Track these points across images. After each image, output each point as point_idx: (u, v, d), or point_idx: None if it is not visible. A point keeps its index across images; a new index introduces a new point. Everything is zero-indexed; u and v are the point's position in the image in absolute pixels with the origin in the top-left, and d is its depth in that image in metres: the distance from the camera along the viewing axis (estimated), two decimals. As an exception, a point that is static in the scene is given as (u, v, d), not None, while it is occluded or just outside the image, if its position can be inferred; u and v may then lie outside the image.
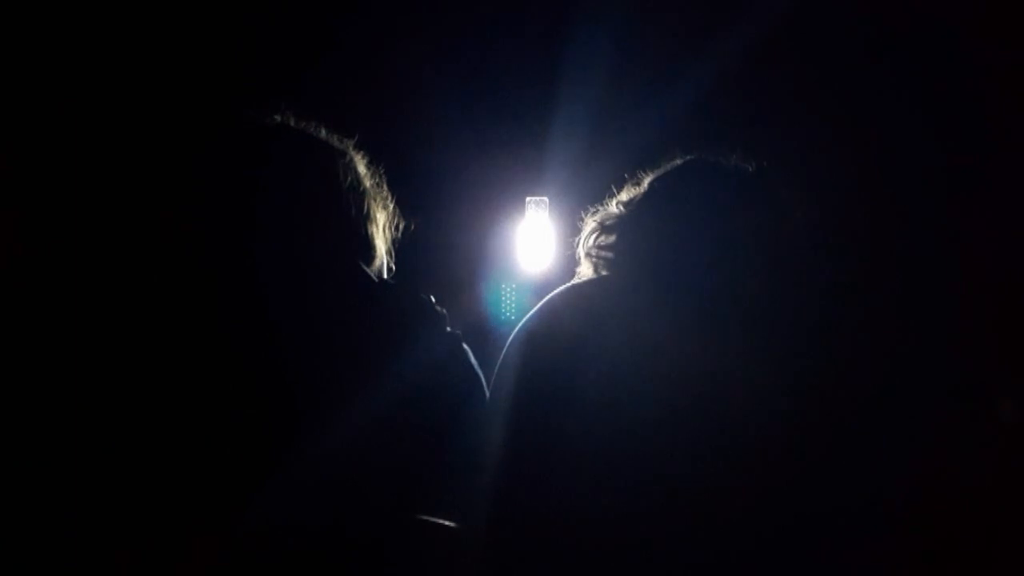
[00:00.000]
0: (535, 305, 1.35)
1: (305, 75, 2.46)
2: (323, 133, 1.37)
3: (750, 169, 1.36)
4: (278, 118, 1.36)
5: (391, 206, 1.41)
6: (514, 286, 2.63)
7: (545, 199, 2.66)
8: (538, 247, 2.65)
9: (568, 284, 1.36)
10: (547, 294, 1.36)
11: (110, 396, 1.20)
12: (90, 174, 2.16)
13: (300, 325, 1.25)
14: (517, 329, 1.34)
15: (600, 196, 1.43)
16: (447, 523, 1.28)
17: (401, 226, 1.43)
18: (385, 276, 1.41)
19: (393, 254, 1.42)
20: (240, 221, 1.28)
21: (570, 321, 1.29)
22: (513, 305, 2.61)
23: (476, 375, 1.33)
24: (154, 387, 1.20)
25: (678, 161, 1.37)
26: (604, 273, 1.35)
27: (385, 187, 1.41)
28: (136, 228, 1.32)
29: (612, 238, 1.35)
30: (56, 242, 1.86)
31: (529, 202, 2.67)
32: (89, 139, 2.23)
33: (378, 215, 1.37)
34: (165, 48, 2.38)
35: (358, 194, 1.34)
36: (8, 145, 2.09)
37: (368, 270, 1.34)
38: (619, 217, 1.36)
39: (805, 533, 1.19)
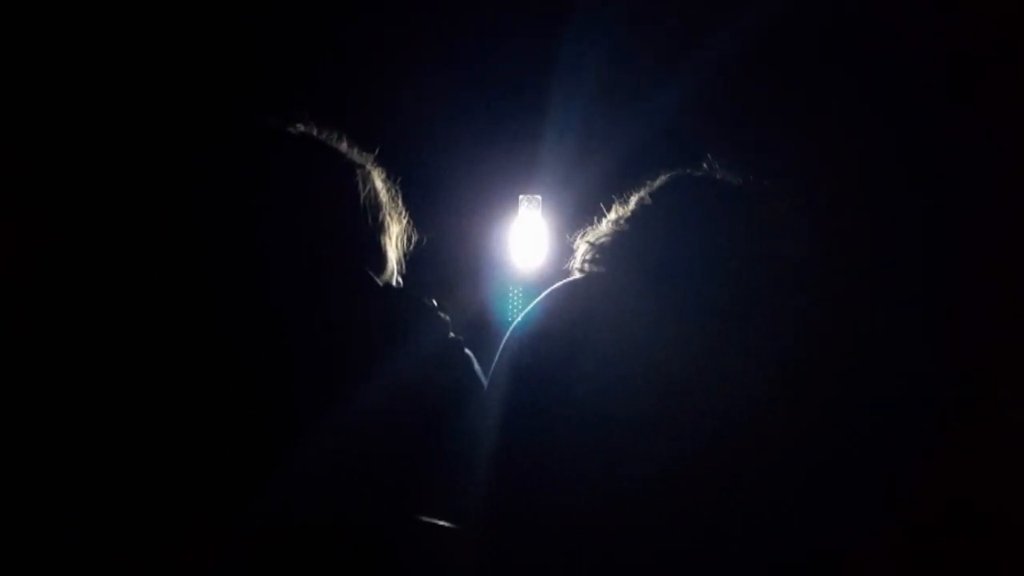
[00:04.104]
0: (529, 303, 1.37)
1: (302, 74, 2.47)
2: (344, 145, 1.39)
3: (736, 181, 1.38)
4: (301, 127, 1.37)
5: (405, 220, 1.43)
6: (510, 285, 2.64)
7: (538, 197, 2.66)
8: (531, 245, 2.65)
9: (563, 282, 1.37)
10: (541, 291, 1.37)
11: (111, 395, 1.20)
12: (96, 176, 2.16)
13: (302, 327, 1.25)
14: (512, 328, 1.35)
15: (593, 193, 1.45)
16: (443, 523, 1.29)
17: (414, 239, 1.45)
18: (392, 284, 1.42)
19: (404, 265, 1.44)
20: (246, 221, 1.29)
21: (564, 321, 1.29)
22: (509, 304, 2.62)
23: (477, 380, 1.34)
24: (155, 386, 1.21)
25: (663, 177, 1.39)
26: (599, 271, 1.36)
27: (400, 201, 1.42)
28: (141, 228, 1.32)
29: (604, 253, 1.37)
30: (59, 242, 1.86)
31: (522, 200, 2.67)
32: (97, 142, 2.23)
33: (391, 227, 1.39)
34: (169, 49, 2.38)
35: (373, 205, 1.36)
36: (15, 145, 2.09)
37: (377, 278, 1.35)
38: (610, 234, 1.37)
39: (799, 529, 1.20)
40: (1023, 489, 1.81)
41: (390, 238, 1.39)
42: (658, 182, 1.39)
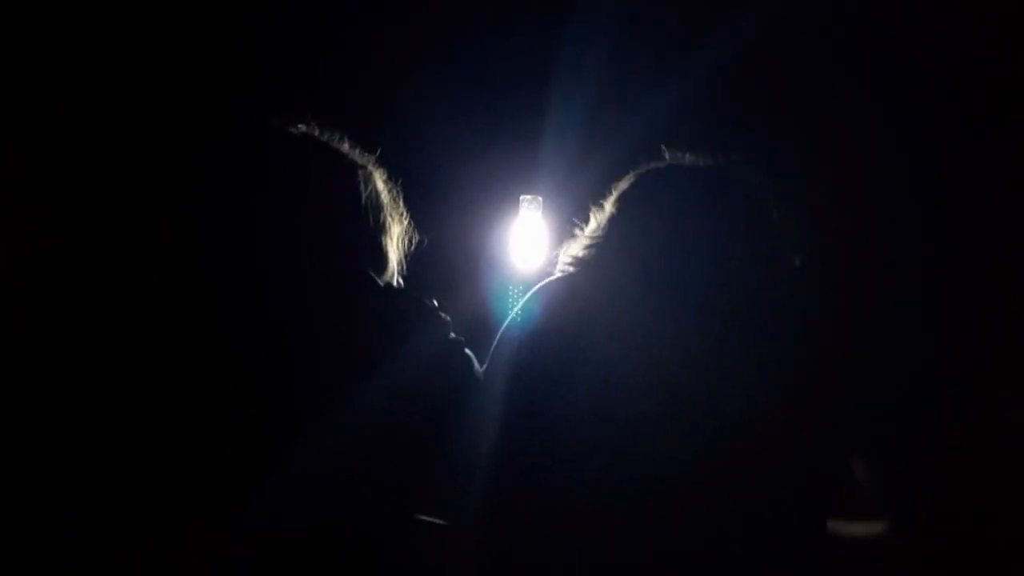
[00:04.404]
0: (525, 300, 1.36)
1: (302, 74, 2.47)
2: (346, 146, 1.39)
3: (709, 163, 1.37)
4: (303, 127, 1.37)
5: (406, 221, 1.43)
6: (510, 286, 2.63)
7: (539, 198, 2.66)
8: (532, 245, 2.65)
9: (560, 277, 1.36)
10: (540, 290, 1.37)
11: (111, 396, 1.21)
12: (96, 176, 2.16)
13: (302, 327, 1.26)
14: (509, 327, 1.35)
15: (594, 194, 1.44)
16: (443, 523, 1.29)
17: (415, 239, 1.45)
18: (393, 284, 1.42)
19: (405, 266, 1.44)
20: (248, 222, 1.29)
21: (562, 321, 1.29)
22: (509, 304, 2.62)
23: (478, 381, 1.34)
24: (155, 387, 1.21)
25: (632, 177, 1.38)
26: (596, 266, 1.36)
27: (401, 202, 1.43)
28: (148, 229, 1.33)
29: (600, 250, 1.36)
30: (60, 242, 1.86)
31: (523, 201, 2.67)
32: (98, 142, 2.23)
33: (393, 228, 1.39)
34: (169, 49, 2.38)
35: (374, 206, 1.36)
36: (15, 145, 2.09)
37: (378, 279, 1.35)
38: (591, 243, 1.36)
39: (799, 528, 1.20)
40: (1023, 489, 1.82)
41: (391, 239, 1.39)
42: (627, 186, 1.38)
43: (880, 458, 1.27)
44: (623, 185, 1.38)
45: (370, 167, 1.38)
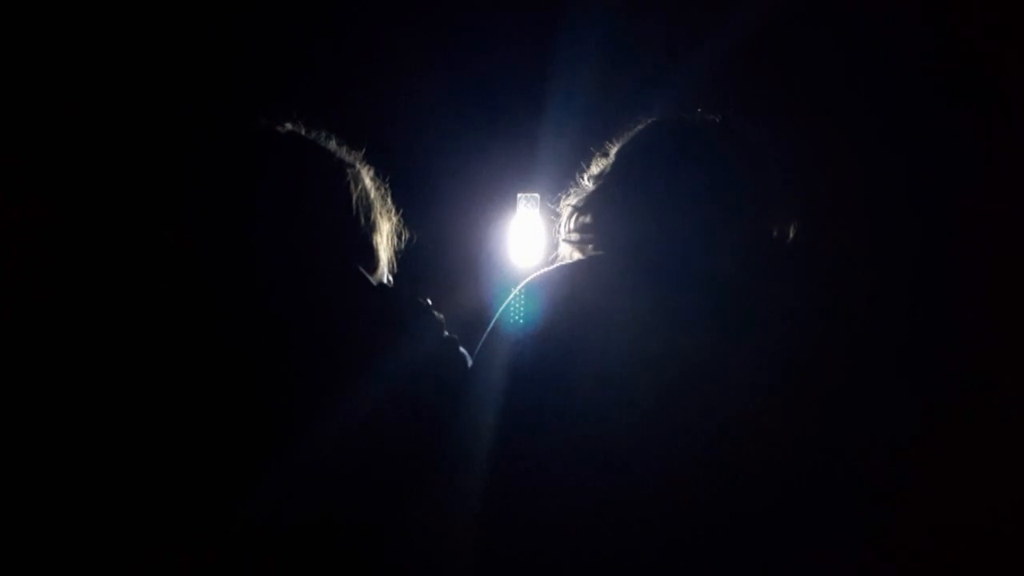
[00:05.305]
0: (523, 291, 1.35)
1: (299, 73, 2.47)
2: (333, 144, 1.39)
3: (716, 120, 1.36)
4: (289, 126, 1.37)
5: (395, 218, 1.43)
6: (509, 284, 2.63)
7: (536, 195, 2.66)
8: (530, 243, 2.64)
9: (559, 273, 1.36)
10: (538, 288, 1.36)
11: (109, 395, 1.21)
12: (91, 179, 2.16)
13: (299, 328, 1.26)
14: (500, 320, 1.34)
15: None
16: (442, 523, 1.29)
17: (404, 236, 1.45)
18: (385, 283, 1.42)
19: (395, 263, 1.44)
20: (242, 224, 1.29)
21: (563, 320, 1.29)
22: (508, 304, 2.61)
23: (474, 380, 1.34)
24: (152, 386, 1.21)
25: (640, 126, 1.38)
26: (587, 255, 1.36)
27: (390, 199, 1.43)
28: (140, 231, 1.33)
29: (587, 218, 1.36)
30: (55, 245, 1.87)
31: (520, 198, 2.66)
32: (92, 144, 2.23)
33: (382, 225, 1.40)
34: (166, 49, 2.38)
35: (364, 204, 1.37)
36: (9, 148, 2.09)
37: (370, 277, 1.35)
38: (591, 194, 1.37)
39: (798, 527, 1.20)
40: (1023, 489, 1.82)
41: (381, 236, 1.39)
42: (633, 134, 1.37)
43: (879, 455, 1.27)
44: (609, 155, 1.37)
45: (357, 165, 1.39)
